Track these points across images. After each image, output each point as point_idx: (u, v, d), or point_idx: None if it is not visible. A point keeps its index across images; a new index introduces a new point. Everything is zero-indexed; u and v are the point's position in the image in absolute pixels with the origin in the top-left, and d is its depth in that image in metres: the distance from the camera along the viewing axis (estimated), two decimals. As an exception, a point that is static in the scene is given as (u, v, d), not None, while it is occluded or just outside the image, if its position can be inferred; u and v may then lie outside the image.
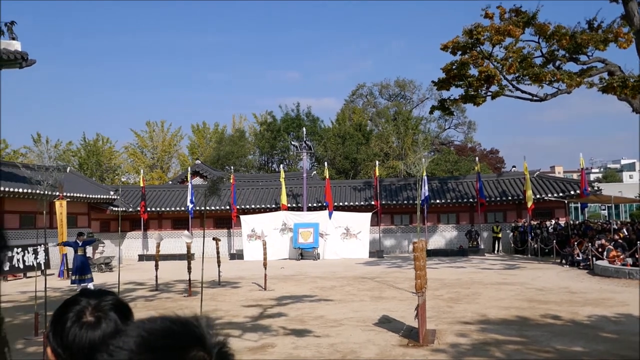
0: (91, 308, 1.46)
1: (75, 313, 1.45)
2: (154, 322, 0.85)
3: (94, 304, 1.47)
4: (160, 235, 18.94)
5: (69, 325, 1.44)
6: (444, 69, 26.39)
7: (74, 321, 1.44)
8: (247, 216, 31.71)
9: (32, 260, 23.70)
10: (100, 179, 53.12)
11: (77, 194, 28.14)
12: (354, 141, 50.91)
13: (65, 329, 1.44)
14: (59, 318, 1.46)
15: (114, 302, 1.50)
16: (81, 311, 1.45)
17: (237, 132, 56.94)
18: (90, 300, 1.47)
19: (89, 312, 1.45)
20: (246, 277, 21.08)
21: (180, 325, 0.84)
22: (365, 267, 24.45)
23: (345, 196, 33.96)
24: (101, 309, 1.46)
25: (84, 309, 1.45)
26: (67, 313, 1.46)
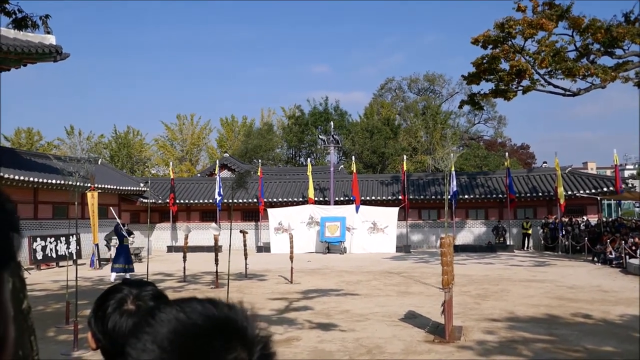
0: (132, 297, 1.50)
1: (117, 301, 1.49)
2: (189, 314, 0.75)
3: (135, 293, 1.51)
4: (188, 227, 19.15)
5: (110, 312, 1.48)
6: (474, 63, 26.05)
7: (115, 308, 1.48)
8: (274, 209, 31.84)
9: (64, 250, 24.20)
10: (131, 171, 53.95)
11: (108, 186, 28.61)
12: (382, 135, 50.67)
13: (106, 316, 1.48)
14: (101, 305, 1.50)
15: (154, 293, 1.54)
16: (122, 299, 1.49)
17: (265, 126, 57.18)
18: (131, 290, 1.52)
19: (129, 301, 1.49)
20: (273, 270, 21.18)
21: (220, 321, 0.75)
22: (391, 262, 24.34)
23: (373, 190, 33.84)
24: (141, 299, 1.50)
25: (125, 298, 1.49)
26: (109, 300, 1.50)
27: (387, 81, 62.42)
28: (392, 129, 52.39)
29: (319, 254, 29.16)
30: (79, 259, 21.67)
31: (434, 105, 56.46)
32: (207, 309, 0.76)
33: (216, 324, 0.74)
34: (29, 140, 55.77)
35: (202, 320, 0.73)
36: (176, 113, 75.06)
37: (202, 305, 0.76)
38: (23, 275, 1.67)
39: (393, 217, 30.33)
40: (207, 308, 0.76)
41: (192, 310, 0.75)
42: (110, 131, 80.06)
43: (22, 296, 1.61)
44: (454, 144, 41.15)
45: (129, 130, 57.99)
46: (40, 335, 9.77)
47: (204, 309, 0.76)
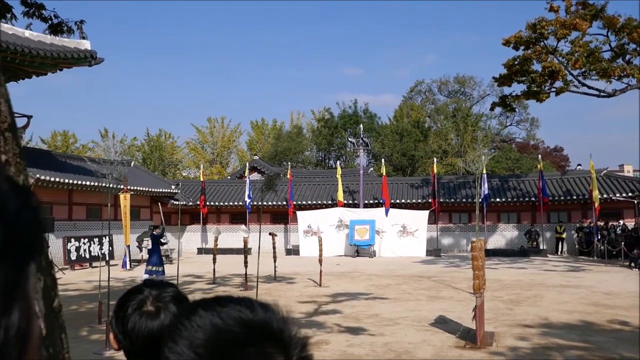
0: (152, 298, 1.49)
1: (137, 302, 1.49)
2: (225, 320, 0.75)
3: (155, 295, 1.50)
4: (218, 229, 19.31)
5: (130, 313, 1.49)
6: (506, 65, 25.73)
7: (135, 309, 1.49)
8: (304, 212, 31.89)
9: (97, 250, 24.64)
10: (162, 173, 54.71)
11: (141, 188, 29.05)
12: (412, 138, 50.37)
13: (126, 317, 1.49)
14: (122, 305, 1.51)
15: (174, 294, 1.54)
16: (142, 300, 1.49)
17: (295, 129, 57.38)
18: (152, 291, 1.52)
19: (149, 302, 1.48)
20: (302, 272, 21.20)
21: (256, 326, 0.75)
22: (421, 266, 24.15)
23: (402, 193, 33.64)
24: (162, 300, 1.49)
25: (145, 299, 1.49)
26: (129, 301, 1.50)
27: (417, 83, 62.08)
28: (422, 131, 52.02)
29: (348, 257, 29.09)
30: (111, 259, 22.05)
31: (465, 108, 55.90)
32: (243, 313, 0.76)
33: (252, 330, 0.73)
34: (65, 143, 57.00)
35: (238, 327, 0.73)
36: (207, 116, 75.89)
37: (238, 310, 0.76)
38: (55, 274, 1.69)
39: (423, 220, 30.08)
40: (243, 312, 0.76)
41: (227, 315, 0.75)
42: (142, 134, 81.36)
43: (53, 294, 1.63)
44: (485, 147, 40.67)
45: (160, 133, 58.85)
46: (73, 334, 9.95)
47: (239, 313, 0.76)
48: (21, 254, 0.43)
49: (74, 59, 21.16)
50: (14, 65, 19.45)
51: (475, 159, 24.72)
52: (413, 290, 16.28)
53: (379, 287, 17.15)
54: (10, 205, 0.45)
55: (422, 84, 61.91)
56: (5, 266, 0.43)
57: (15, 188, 0.47)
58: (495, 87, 49.38)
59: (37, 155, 25.55)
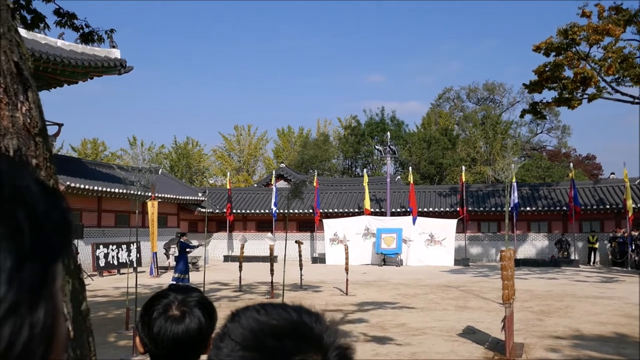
0: (177, 302, 1.51)
1: (163, 306, 1.51)
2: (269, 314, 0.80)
3: (181, 299, 1.52)
4: (244, 237, 19.42)
5: (155, 317, 1.50)
6: (536, 71, 25.46)
7: (160, 313, 1.50)
8: (330, 220, 31.89)
9: (125, 257, 24.98)
10: (190, 180, 55.30)
11: (168, 195, 29.41)
12: (440, 146, 50.07)
13: (151, 321, 1.51)
14: (148, 310, 1.53)
15: (199, 299, 1.55)
16: (168, 305, 1.51)
17: (322, 136, 57.51)
18: (177, 295, 1.54)
19: (175, 307, 1.50)
20: (328, 281, 21.19)
21: (295, 323, 0.78)
22: (450, 275, 23.93)
23: (430, 202, 33.42)
24: (187, 305, 1.51)
25: (170, 303, 1.51)
26: (155, 305, 1.52)
27: (445, 91, 61.78)
28: (450, 139, 51.68)
29: (374, 266, 28.98)
30: (139, 266, 22.32)
31: (494, 115, 55.39)
32: (288, 313, 0.80)
33: (290, 325, 0.77)
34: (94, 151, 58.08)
35: (277, 321, 0.77)
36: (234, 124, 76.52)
37: (283, 309, 0.80)
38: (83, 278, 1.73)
39: (451, 229, 29.83)
40: (288, 312, 0.80)
41: (271, 312, 0.80)
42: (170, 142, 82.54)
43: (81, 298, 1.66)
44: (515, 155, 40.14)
45: (188, 141, 59.57)
46: (101, 340, 10.09)
47: (284, 312, 0.79)
48: (48, 253, 0.45)
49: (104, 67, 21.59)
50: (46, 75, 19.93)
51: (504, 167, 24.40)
52: (441, 300, 16.13)
53: (406, 296, 17.04)
54: (39, 206, 0.46)
55: (450, 91, 61.63)
56: (32, 264, 0.44)
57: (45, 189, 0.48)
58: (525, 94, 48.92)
59: (67, 163, 26.09)
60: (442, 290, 18.39)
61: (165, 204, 29.39)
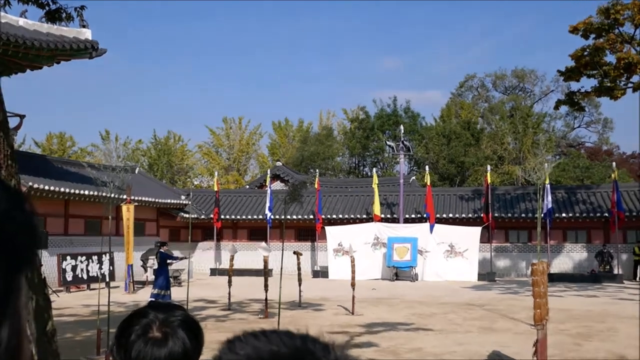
0: (159, 323, 1.50)
1: (142, 327, 1.50)
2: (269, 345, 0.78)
3: (162, 319, 1.51)
4: (234, 247, 19.45)
5: (134, 339, 1.49)
6: (573, 56, 25.47)
7: (139, 335, 1.49)
8: (334, 227, 31.90)
9: (96, 270, 25.01)
10: (171, 181, 55.39)
11: (146, 198, 29.45)
12: (462, 142, 50.07)
13: (129, 344, 1.49)
14: (124, 331, 1.52)
15: (184, 319, 1.54)
16: (148, 325, 1.50)
17: (324, 130, 57.60)
18: (158, 314, 1.52)
19: (155, 327, 1.49)
20: (331, 298, 21.21)
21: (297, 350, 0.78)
22: (472, 292, 23.96)
23: (450, 206, 33.44)
24: (169, 325, 1.50)
25: (150, 323, 1.50)
26: (132, 326, 1.51)
27: (468, 78, 61.79)
28: (473, 134, 51.68)
29: (385, 281, 29.02)
30: (112, 281, 22.36)
31: (524, 106, 55.40)
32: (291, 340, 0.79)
33: (294, 355, 0.76)
34: (61, 147, 58.23)
35: (280, 349, 0.76)
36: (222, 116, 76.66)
37: (287, 336, 0.79)
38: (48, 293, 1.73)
39: (474, 238, 29.85)
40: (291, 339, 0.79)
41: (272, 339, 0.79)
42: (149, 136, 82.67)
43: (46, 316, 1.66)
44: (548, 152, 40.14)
45: (169, 136, 59.72)
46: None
47: (287, 339, 0.79)
48: (11, 260, 0.43)
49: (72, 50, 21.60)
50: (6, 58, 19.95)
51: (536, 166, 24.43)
52: (462, 321, 16.14)
53: (421, 316, 17.05)
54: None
55: (473, 78, 61.65)
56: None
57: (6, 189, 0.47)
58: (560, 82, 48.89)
59: (29, 160, 26.09)
60: (463, 310, 18.40)
61: (142, 208, 29.45)
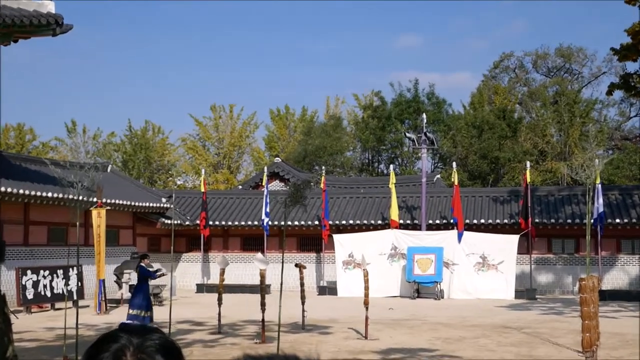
0: (133, 348, 1.50)
1: (113, 353, 1.50)
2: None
3: (137, 344, 1.51)
4: (225, 259, 19.44)
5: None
6: (630, 31, 25.40)
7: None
8: (343, 235, 31.88)
9: (61, 287, 25.05)
10: (150, 181, 55.49)
11: (120, 201, 29.46)
12: (496, 133, 49.95)
13: None
14: (92, 358, 1.52)
15: (162, 343, 1.54)
16: (120, 351, 1.50)
17: (332, 120, 57.50)
18: (132, 338, 1.52)
19: (129, 354, 1.49)
20: (340, 319, 21.19)
21: None
22: (509, 312, 23.93)
23: (482, 210, 33.37)
24: (145, 351, 1.50)
25: (123, 349, 1.50)
26: (101, 352, 1.51)
27: (503, 57, 61.62)
28: (509, 124, 51.55)
29: (405, 299, 28.99)
30: (80, 299, 22.39)
31: (571, 91, 55.26)
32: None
33: None
34: (19, 140, 58.48)
35: None
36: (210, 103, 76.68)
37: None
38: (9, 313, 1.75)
39: (511, 248, 29.77)
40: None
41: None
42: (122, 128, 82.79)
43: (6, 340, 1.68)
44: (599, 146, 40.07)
45: (147, 127, 59.75)
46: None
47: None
48: None
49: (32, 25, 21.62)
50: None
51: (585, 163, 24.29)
52: (496, 347, 16.11)
53: (448, 341, 17.02)
54: None
55: (510, 57, 61.47)
56: None
57: None
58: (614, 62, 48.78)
59: (-18, 156, 26.16)
60: (498, 333, 18.37)
61: (116, 213, 29.47)
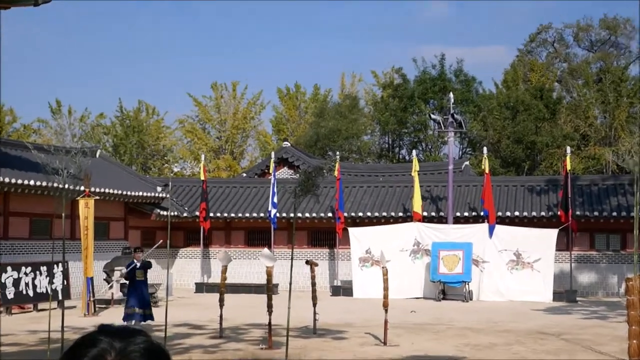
0: (114, 354, 1.49)
1: (91, 359, 1.49)
2: None
3: (119, 348, 1.50)
4: (227, 255, 19.46)
5: None
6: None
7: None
8: (360, 229, 31.88)
9: (45, 285, 25.15)
10: (144, 168, 55.60)
11: (110, 190, 29.48)
12: (532, 115, 49.71)
13: None
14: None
15: (148, 347, 1.53)
16: (100, 357, 1.49)
17: (347, 100, 57.35)
18: (113, 342, 1.51)
19: (110, 359, 1.49)
20: (356, 323, 21.22)
21: None
22: (546, 316, 23.90)
23: (516, 202, 33.25)
24: (128, 356, 1.49)
25: (103, 353, 1.49)
26: (79, 358, 1.50)
27: (541, 29, 61.26)
28: (547, 104, 51.27)
29: (428, 301, 28.98)
30: (66, 299, 22.48)
31: (617, 68, 54.90)
32: None
33: None
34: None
35: None
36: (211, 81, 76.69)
37: None
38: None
39: (549, 244, 29.67)
40: None
41: None
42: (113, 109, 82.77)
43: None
44: (649, 129, 39.72)
45: (140, 108, 59.77)
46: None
47: None
48: None
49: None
50: None
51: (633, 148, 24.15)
52: (532, 354, 16.09)
53: (477, 347, 17.02)
54: None
55: (548, 29, 61.11)
56: None
57: None
58: (666, 33, 48.25)
59: (-43, 140, 26.26)
60: (533, 340, 18.34)
61: (106, 203, 29.52)
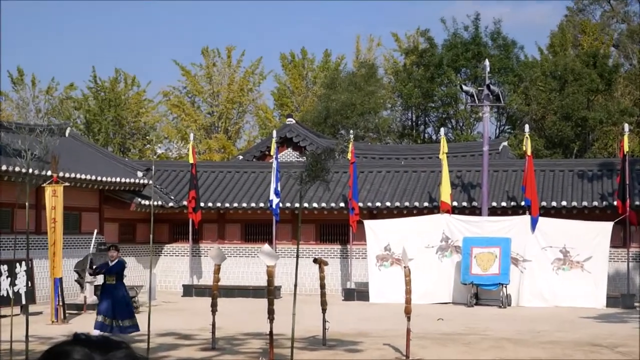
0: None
1: None
2: None
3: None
4: (221, 252, 19.49)
5: None
6: None
7: None
8: (377, 222, 31.96)
9: (6, 287, 25.28)
10: (122, 149, 55.65)
11: (82, 175, 29.49)
12: (583, 86, 49.57)
13: None
14: None
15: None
16: None
17: (363, 68, 57.23)
18: (92, 354, 1.53)
19: None
20: (372, 332, 21.27)
21: None
22: (598, 325, 23.91)
23: (564, 190, 33.22)
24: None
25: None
26: None
27: (594, -17, 61.13)
28: (602, 73, 51.08)
29: (459, 307, 29.03)
30: (31, 304, 22.56)
31: (685, 29, 54.75)
32: None
33: None
34: (-51, 95, 58.74)
35: None
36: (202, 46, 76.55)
37: None
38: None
39: (602, 239, 29.63)
40: None
41: None
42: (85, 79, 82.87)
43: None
44: None
45: (117, 77, 59.64)
46: None
47: None
48: None
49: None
50: None
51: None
52: (581, 370, 16.14)
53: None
54: None
55: (603, -17, 60.99)
56: None
57: None
58: None
59: None
60: (584, 353, 18.37)
61: (77, 190, 29.55)
